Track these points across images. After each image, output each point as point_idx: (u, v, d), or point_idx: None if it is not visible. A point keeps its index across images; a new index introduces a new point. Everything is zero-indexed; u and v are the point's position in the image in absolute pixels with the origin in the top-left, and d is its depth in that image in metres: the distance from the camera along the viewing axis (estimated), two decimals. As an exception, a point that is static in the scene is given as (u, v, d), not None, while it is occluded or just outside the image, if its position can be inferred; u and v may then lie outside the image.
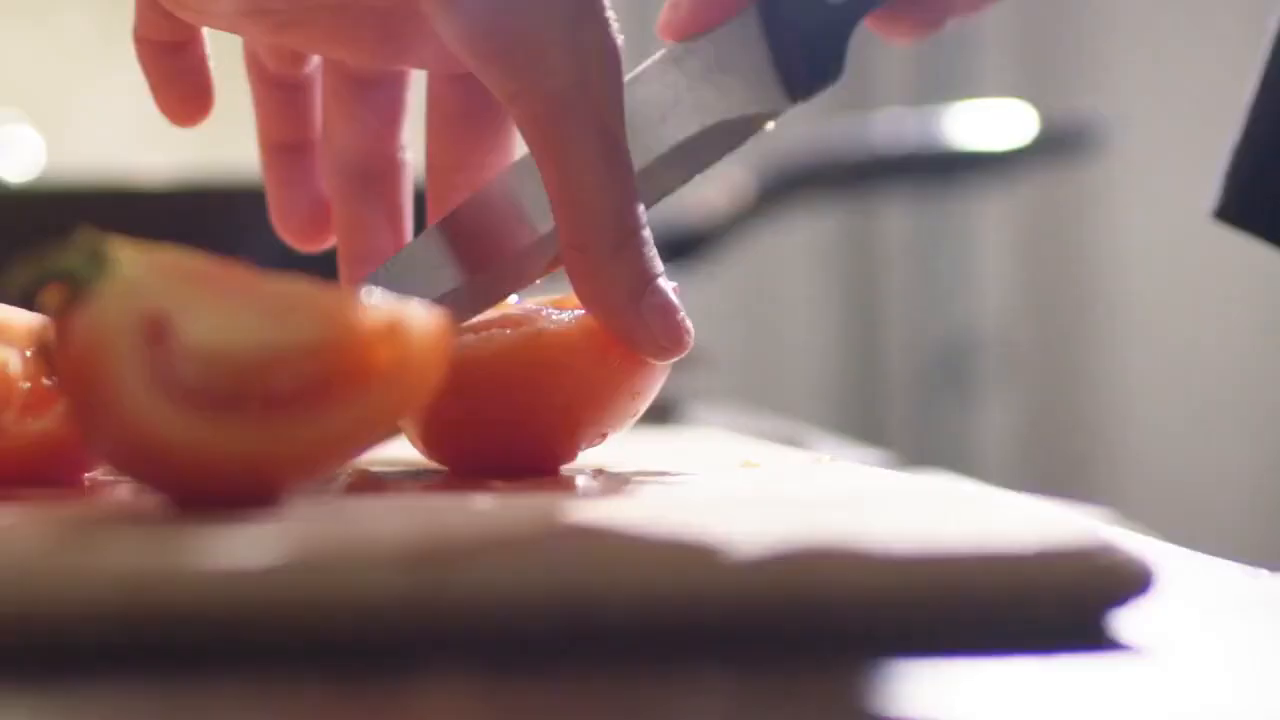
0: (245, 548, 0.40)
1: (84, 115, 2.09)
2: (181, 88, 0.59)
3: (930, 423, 2.39)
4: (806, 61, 0.60)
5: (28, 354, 0.54)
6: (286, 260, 0.60)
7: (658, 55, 0.54)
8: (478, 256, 0.59)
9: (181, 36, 0.58)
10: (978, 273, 2.41)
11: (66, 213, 0.92)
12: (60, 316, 0.46)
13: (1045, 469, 2.39)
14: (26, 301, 0.48)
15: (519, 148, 0.59)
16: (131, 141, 2.04)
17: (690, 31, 0.60)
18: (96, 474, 0.57)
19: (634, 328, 0.55)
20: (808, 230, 2.31)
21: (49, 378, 0.48)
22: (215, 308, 0.47)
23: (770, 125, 0.60)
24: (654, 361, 0.56)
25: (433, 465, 0.59)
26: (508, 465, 0.57)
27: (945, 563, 0.40)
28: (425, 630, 0.39)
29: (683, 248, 1.32)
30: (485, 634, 0.39)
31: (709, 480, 0.56)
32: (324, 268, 0.60)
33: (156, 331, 0.46)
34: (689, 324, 0.55)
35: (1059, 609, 0.40)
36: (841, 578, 0.40)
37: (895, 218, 2.38)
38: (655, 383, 0.57)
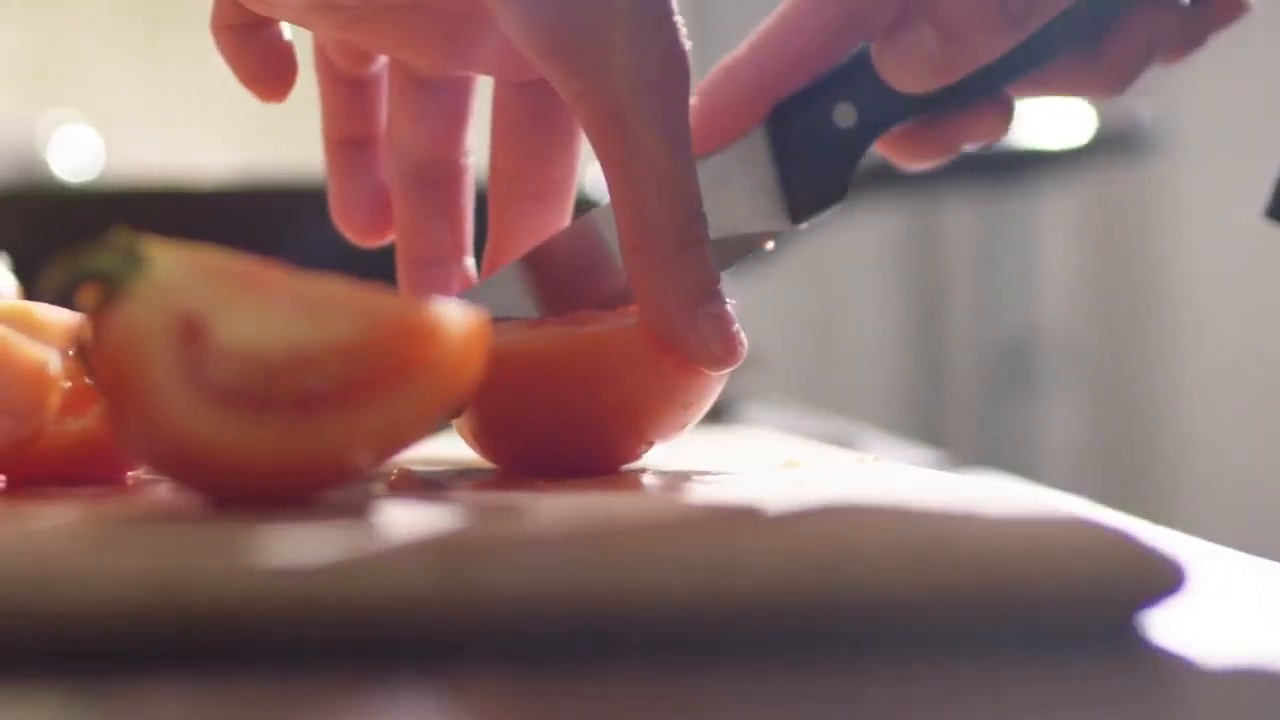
0: (282, 547, 0.40)
1: (142, 116, 2.10)
2: (262, 56, 0.59)
3: (994, 423, 2.38)
4: (813, 184, 0.60)
5: (70, 353, 0.54)
6: (343, 260, 0.61)
7: None
8: (562, 299, 0.59)
9: (257, 20, 0.59)
10: (1041, 273, 2.40)
11: (125, 213, 0.93)
12: (96, 316, 0.46)
13: (1109, 468, 2.38)
14: (64, 300, 0.48)
15: (585, 157, 0.59)
16: (189, 142, 2.05)
17: (699, 149, 0.59)
18: (138, 473, 0.57)
19: (688, 334, 0.55)
20: (870, 229, 2.30)
21: (88, 377, 0.48)
22: (250, 307, 0.47)
23: (770, 245, 0.61)
24: (707, 371, 0.56)
25: (484, 464, 0.59)
26: (557, 465, 0.57)
27: (972, 561, 0.40)
28: (456, 629, 0.39)
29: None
30: (515, 633, 0.39)
31: (748, 480, 0.56)
32: (381, 269, 0.60)
33: (191, 331, 0.46)
34: (743, 336, 0.55)
35: (1089, 608, 0.40)
36: (867, 577, 0.39)
37: (958, 217, 2.37)
38: (707, 395, 0.57)
